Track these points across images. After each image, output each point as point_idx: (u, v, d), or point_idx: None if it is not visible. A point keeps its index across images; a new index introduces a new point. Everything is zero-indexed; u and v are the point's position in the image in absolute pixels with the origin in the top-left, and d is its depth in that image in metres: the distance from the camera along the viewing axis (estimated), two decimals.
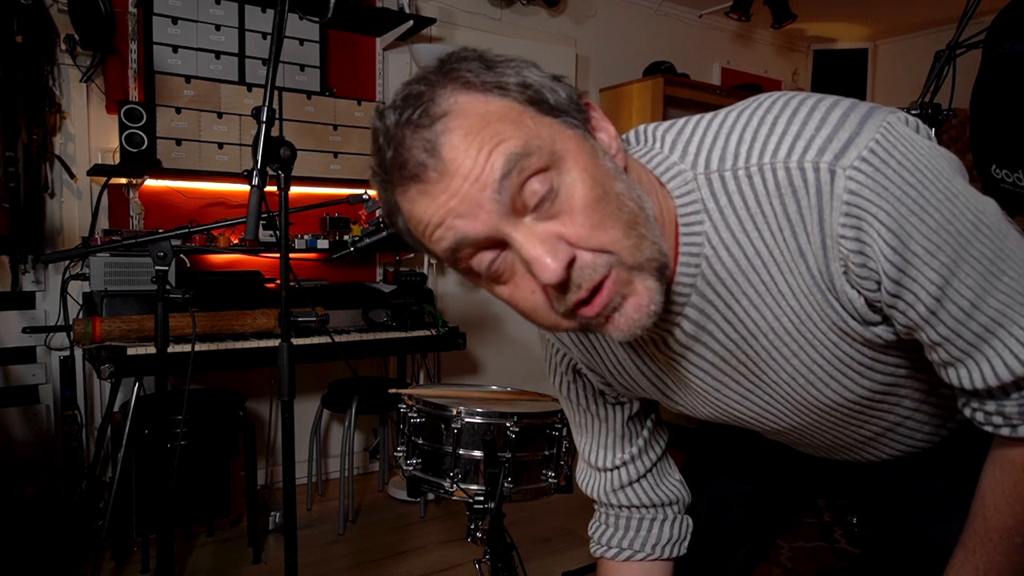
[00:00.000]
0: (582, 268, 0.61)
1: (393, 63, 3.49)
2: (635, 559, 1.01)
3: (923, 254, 0.62)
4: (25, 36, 2.48)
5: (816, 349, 0.73)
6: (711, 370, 0.81)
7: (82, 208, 2.76)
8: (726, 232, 0.69)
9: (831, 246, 0.65)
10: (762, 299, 0.72)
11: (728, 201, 0.68)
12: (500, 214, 0.61)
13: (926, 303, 0.64)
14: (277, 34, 1.38)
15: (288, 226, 1.46)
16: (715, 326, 0.76)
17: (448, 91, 0.62)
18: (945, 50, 2.04)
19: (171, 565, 1.91)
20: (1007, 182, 1.92)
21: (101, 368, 2.20)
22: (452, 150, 0.59)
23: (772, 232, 0.67)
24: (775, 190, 0.65)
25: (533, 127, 0.62)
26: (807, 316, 0.71)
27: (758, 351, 0.76)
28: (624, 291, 0.63)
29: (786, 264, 0.68)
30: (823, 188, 0.63)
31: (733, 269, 0.71)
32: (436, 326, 2.94)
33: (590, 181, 0.62)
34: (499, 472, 1.37)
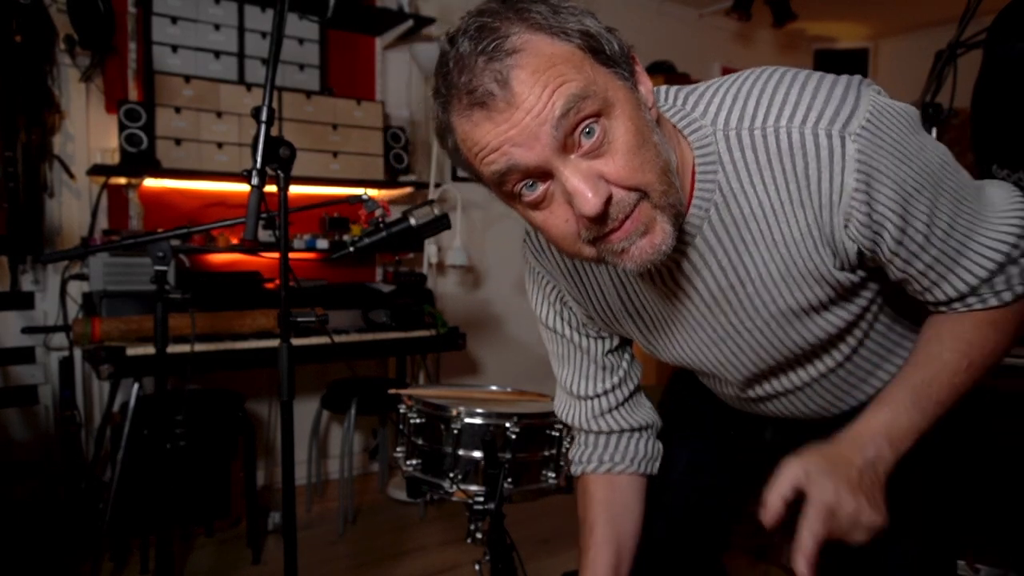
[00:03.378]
0: (617, 203, 0.70)
1: (393, 63, 3.49)
2: (614, 471, 1.08)
3: (914, 196, 0.76)
4: (24, 36, 2.48)
5: (794, 294, 0.84)
6: (695, 311, 0.90)
7: (81, 208, 2.75)
8: (736, 183, 0.79)
9: (838, 201, 0.76)
10: (757, 247, 0.82)
11: (741, 155, 0.78)
12: (553, 148, 0.68)
13: (918, 238, 0.78)
14: (277, 34, 1.37)
15: (288, 226, 1.46)
16: (711, 269, 0.85)
17: (520, 29, 0.67)
18: (946, 50, 2.03)
19: (170, 566, 1.91)
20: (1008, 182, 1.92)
21: (100, 368, 2.19)
22: (520, 84, 0.66)
23: (777, 186, 0.77)
24: (787, 150, 0.75)
25: (591, 73, 0.69)
26: (793, 263, 0.82)
27: (742, 298, 0.86)
28: (645, 227, 0.72)
29: (784, 216, 0.79)
30: (835, 151, 0.74)
31: (738, 217, 0.81)
32: (436, 326, 2.93)
33: (634, 129, 0.70)
34: (499, 472, 1.37)
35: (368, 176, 3.17)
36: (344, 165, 3.11)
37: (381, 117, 3.23)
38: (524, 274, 1.09)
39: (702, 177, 0.80)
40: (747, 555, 2.57)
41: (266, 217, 1.38)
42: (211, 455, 2.53)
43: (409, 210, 1.62)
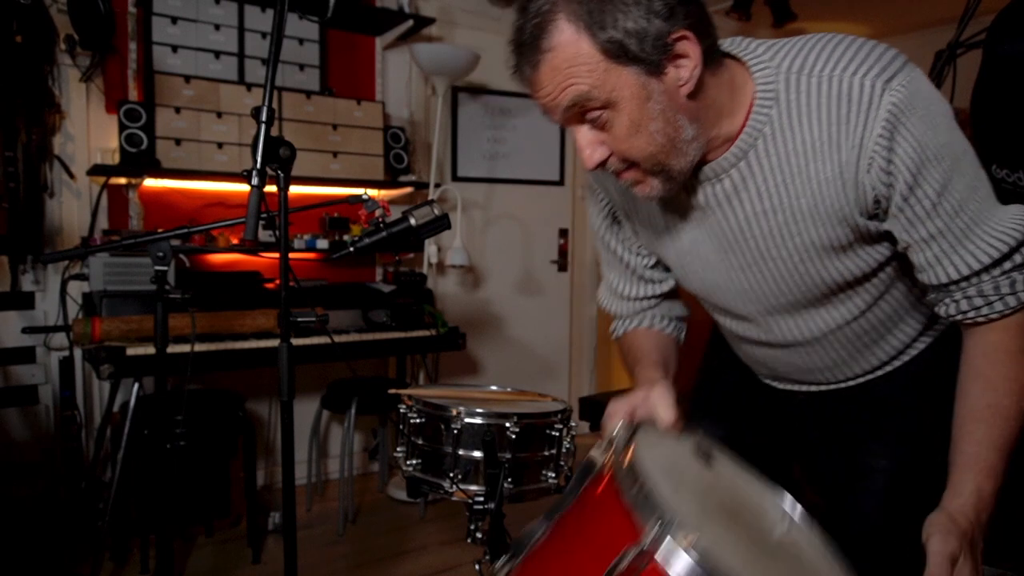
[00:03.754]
0: (611, 163, 0.91)
1: (393, 63, 3.49)
2: (654, 327, 1.24)
3: (932, 163, 0.85)
4: (25, 36, 2.48)
5: (817, 230, 0.94)
6: (728, 231, 1.01)
7: (81, 208, 2.76)
8: (786, 119, 0.90)
9: (866, 145, 0.86)
10: (794, 180, 0.92)
11: (796, 97, 0.89)
12: (566, 119, 0.89)
13: (925, 203, 0.87)
14: (277, 34, 1.37)
15: (288, 226, 1.46)
16: (748, 193, 0.96)
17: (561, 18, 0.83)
18: (945, 50, 2.04)
19: (170, 565, 1.91)
20: (1008, 182, 1.92)
21: (100, 368, 2.19)
22: (542, 77, 0.86)
23: (821, 127, 0.88)
24: (836, 95, 0.87)
25: (603, 76, 0.83)
26: (821, 200, 0.91)
27: (772, 226, 0.96)
28: (635, 181, 0.93)
29: (822, 156, 0.89)
30: (873, 98, 0.85)
31: (781, 150, 0.92)
32: (436, 326, 2.93)
33: (629, 123, 0.86)
34: (499, 472, 1.37)
35: (368, 176, 3.17)
36: (344, 165, 3.11)
37: (381, 117, 3.23)
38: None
39: (758, 111, 0.92)
40: None
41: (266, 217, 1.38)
42: (211, 455, 2.53)
43: (409, 210, 1.62)
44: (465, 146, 3.76)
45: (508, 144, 3.89)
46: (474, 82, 3.68)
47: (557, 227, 4.11)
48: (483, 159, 3.83)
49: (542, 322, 4.02)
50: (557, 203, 4.09)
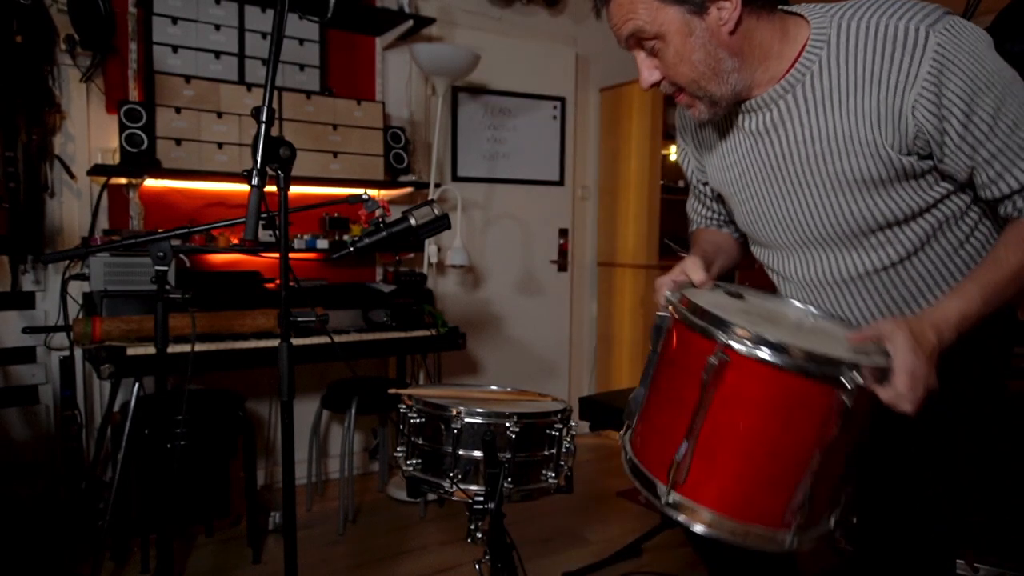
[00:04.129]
0: (663, 86, 1.11)
1: (393, 63, 3.49)
2: (721, 230, 1.44)
3: (983, 92, 0.95)
4: (25, 36, 2.48)
5: (850, 161, 1.05)
6: (771, 160, 1.15)
7: (82, 208, 2.76)
8: (834, 59, 1.03)
9: (912, 83, 0.97)
10: (833, 114, 1.05)
11: (846, 39, 1.02)
12: (628, 46, 1.10)
13: (982, 128, 0.97)
14: (277, 34, 1.38)
15: (288, 226, 1.46)
16: (792, 123, 1.09)
17: None
18: None
19: (171, 565, 1.92)
20: None
21: (101, 368, 2.20)
22: (611, 10, 1.07)
23: (866, 65, 1.00)
24: (882, 37, 0.99)
25: (654, 13, 1.02)
26: (856, 132, 1.03)
27: (810, 156, 1.09)
28: (688, 104, 1.12)
29: (863, 90, 1.01)
30: (919, 41, 0.96)
31: (826, 87, 1.05)
32: (436, 326, 2.94)
33: (674, 52, 1.05)
34: (499, 472, 1.37)
35: (368, 176, 3.17)
36: (344, 165, 3.12)
37: (381, 117, 3.23)
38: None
39: (809, 51, 1.06)
40: None
41: (266, 217, 1.38)
42: (211, 455, 2.54)
43: (409, 210, 1.62)
44: (465, 146, 3.76)
45: (508, 144, 3.89)
46: (474, 82, 3.68)
47: (557, 227, 4.11)
48: (483, 159, 3.83)
49: (542, 322, 4.02)
50: (557, 203, 4.09)
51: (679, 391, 1.00)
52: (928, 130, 0.98)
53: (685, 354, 1.01)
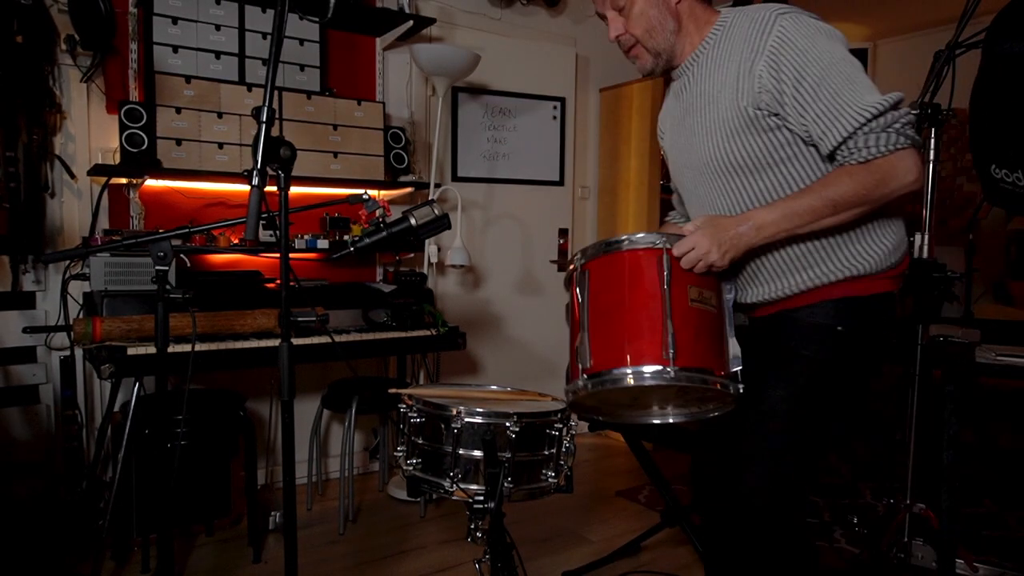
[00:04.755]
0: (623, 40, 1.47)
1: (393, 63, 3.49)
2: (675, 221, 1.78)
3: (810, 65, 1.26)
4: (25, 36, 2.48)
5: (723, 106, 1.38)
6: (684, 115, 1.49)
7: (82, 208, 2.76)
8: (725, 40, 1.40)
9: (760, 51, 1.30)
10: (717, 75, 1.40)
11: (733, 21, 1.40)
12: (606, 8, 1.45)
13: (808, 91, 1.27)
14: (277, 34, 1.38)
15: (288, 226, 1.46)
16: (698, 86, 1.45)
17: None
18: (945, 50, 2.04)
19: (171, 565, 1.92)
20: (1007, 182, 1.92)
21: (101, 368, 2.20)
22: None
23: (740, 42, 1.35)
24: (753, 18, 1.34)
25: None
26: (726, 89, 1.37)
27: (701, 108, 1.43)
28: (637, 55, 1.47)
29: (736, 59, 1.35)
30: (768, 23, 1.31)
31: (716, 58, 1.41)
32: (436, 326, 2.94)
33: (639, 10, 1.42)
34: (499, 472, 1.37)
35: (368, 176, 3.17)
36: (344, 165, 3.12)
37: (381, 117, 3.23)
38: None
39: (711, 33, 1.43)
40: None
41: (267, 217, 1.39)
42: (212, 454, 2.54)
43: (409, 210, 1.62)
44: (465, 146, 3.77)
45: (508, 144, 3.89)
46: (474, 82, 3.68)
47: (557, 227, 4.10)
48: (483, 159, 3.83)
49: (542, 322, 4.02)
50: (557, 203, 4.09)
51: (575, 314, 1.36)
52: (769, 89, 1.30)
53: (571, 289, 1.39)
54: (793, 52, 1.26)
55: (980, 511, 2.92)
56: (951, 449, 2.07)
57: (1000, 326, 3.13)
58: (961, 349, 2.21)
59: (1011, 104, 1.88)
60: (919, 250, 2.22)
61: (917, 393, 2.29)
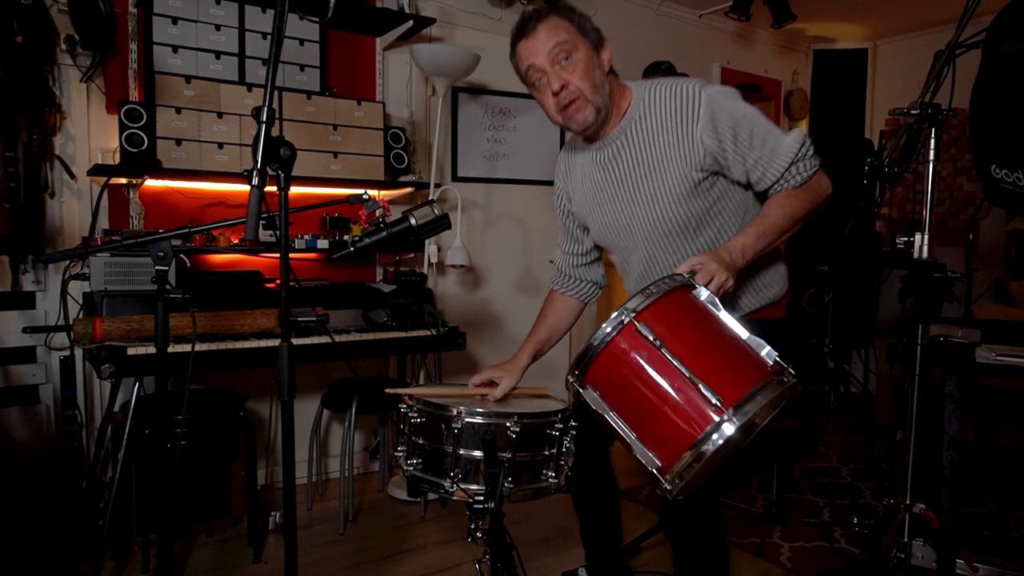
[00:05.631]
0: (568, 92, 1.52)
1: (393, 63, 3.49)
2: (568, 294, 1.92)
3: (741, 122, 1.50)
4: (25, 36, 2.48)
5: (669, 176, 1.56)
6: (616, 185, 1.65)
7: (82, 208, 2.76)
8: (648, 111, 1.57)
9: (697, 121, 1.51)
10: (655, 142, 1.56)
11: (652, 100, 1.57)
12: (546, 60, 1.52)
13: (745, 143, 1.50)
14: (277, 34, 1.38)
15: (288, 226, 1.46)
16: (627, 155, 1.61)
17: (551, 13, 1.53)
18: (945, 50, 2.04)
19: (171, 565, 1.92)
20: (1007, 182, 1.92)
21: (101, 368, 2.20)
22: (541, 29, 1.53)
23: (667, 114, 1.54)
24: (675, 95, 1.54)
25: (574, 39, 1.52)
26: (671, 155, 1.55)
27: (642, 177, 1.59)
28: (579, 108, 1.54)
29: (669, 131, 1.54)
30: (696, 96, 1.51)
31: (646, 129, 1.57)
32: (436, 326, 2.94)
33: (583, 66, 1.52)
34: (499, 472, 1.37)
35: (368, 176, 3.17)
36: (344, 165, 3.12)
37: (381, 117, 3.23)
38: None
39: (632, 107, 1.59)
40: (747, 553, 2.58)
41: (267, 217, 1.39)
42: (211, 454, 2.54)
43: (409, 210, 1.62)
44: (465, 146, 3.77)
45: (508, 144, 3.89)
46: (474, 82, 3.68)
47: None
48: (483, 159, 3.83)
49: None
50: None
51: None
52: (713, 150, 1.51)
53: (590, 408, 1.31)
54: (724, 115, 1.49)
55: (980, 511, 2.92)
56: (951, 449, 2.07)
57: (1000, 326, 3.13)
58: (961, 349, 2.21)
59: (1011, 104, 1.88)
60: (919, 250, 2.22)
61: (917, 393, 2.29)
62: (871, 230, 4.16)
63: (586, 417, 1.45)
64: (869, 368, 3.81)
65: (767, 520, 2.83)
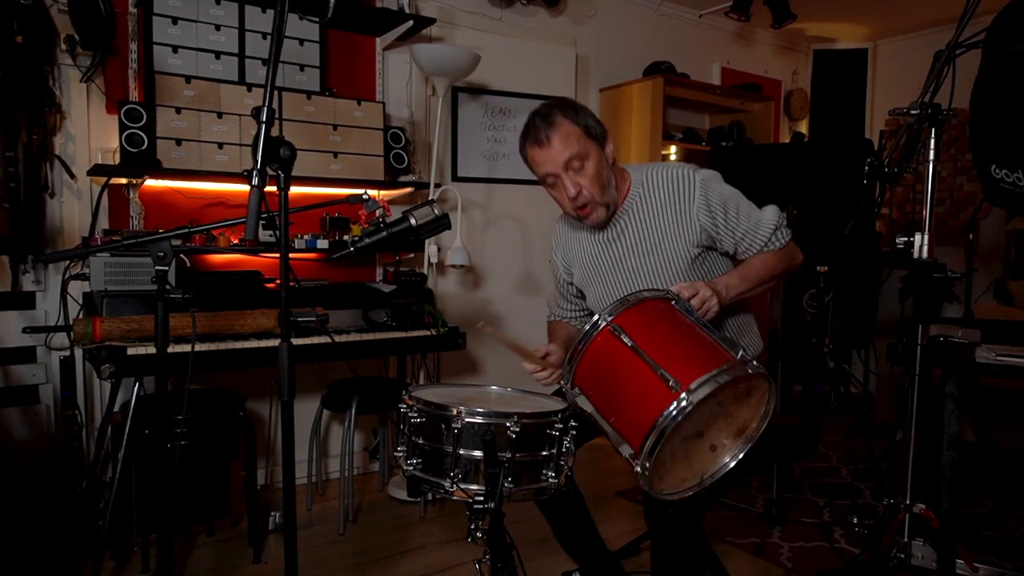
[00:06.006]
0: (582, 197, 1.69)
1: (393, 63, 3.49)
2: (571, 322, 2.07)
3: (729, 201, 1.73)
4: (25, 36, 2.48)
5: (670, 252, 1.74)
6: (619, 259, 1.82)
7: (82, 208, 2.76)
8: (647, 196, 1.76)
9: (692, 201, 1.70)
10: (655, 221, 1.75)
11: (650, 183, 1.76)
12: (561, 169, 1.66)
13: (734, 218, 1.72)
14: (277, 34, 1.38)
15: (288, 226, 1.46)
16: (629, 233, 1.79)
17: (561, 117, 1.65)
18: (945, 50, 2.04)
19: (171, 565, 1.91)
20: (1007, 182, 1.92)
21: (101, 368, 2.20)
22: (555, 140, 1.64)
23: (667, 194, 1.74)
24: (670, 179, 1.74)
25: (584, 143, 1.66)
26: (671, 232, 1.73)
27: (644, 252, 1.77)
28: (592, 210, 1.71)
29: (667, 212, 1.74)
30: (689, 179, 1.72)
31: (647, 208, 1.76)
32: (436, 326, 2.94)
33: (595, 172, 1.68)
34: (499, 472, 1.37)
35: (368, 176, 3.17)
36: (344, 165, 3.12)
37: (381, 117, 3.23)
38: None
39: (632, 191, 1.78)
40: (746, 553, 2.58)
41: (266, 217, 1.39)
42: (211, 455, 2.54)
43: (409, 210, 1.62)
44: (465, 146, 3.77)
45: (508, 144, 3.89)
46: (474, 82, 3.68)
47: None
48: (483, 159, 3.83)
49: (542, 322, 4.00)
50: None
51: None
52: (707, 227, 1.70)
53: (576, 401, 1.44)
54: (715, 195, 1.70)
55: (980, 511, 2.92)
56: (951, 449, 2.07)
57: (1000, 326, 3.13)
58: (961, 349, 2.21)
59: (1011, 104, 1.88)
60: (919, 250, 2.22)
61: (917, 393, 2.29)
62: (871, 230, 4.16)
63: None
64: (869, 368, 3.81)
65: (767, 520, 2.83)
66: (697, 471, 1.40)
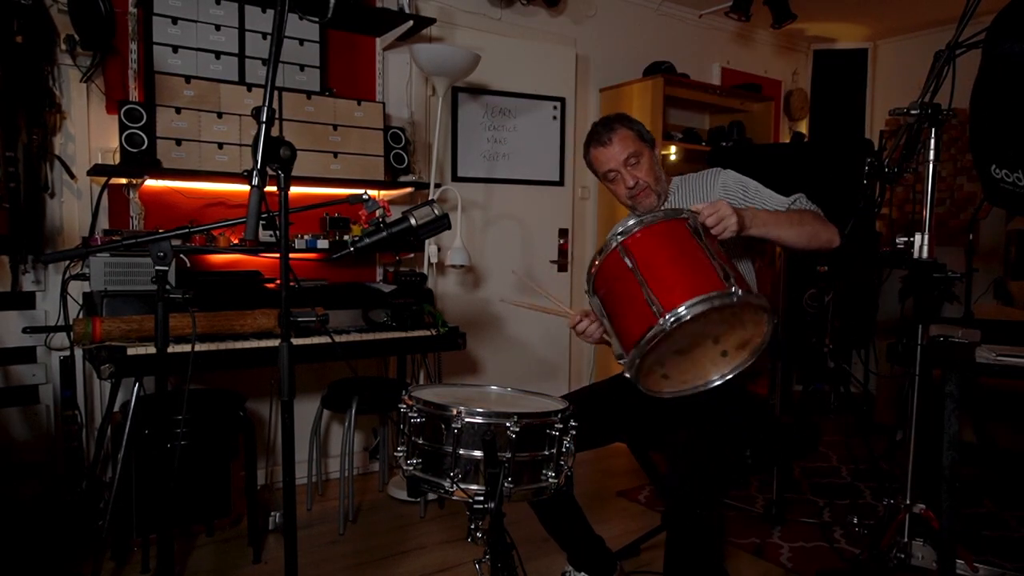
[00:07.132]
0: (639, 185, 1.98)
1: (393, 63, 3.49)
2: None
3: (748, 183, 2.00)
4: (25, 36, 2.48)
5: None
6: None
7: (82, 208, 2.76)
8: (683, 190, 2.08)
9: (714, 187, 2.02)
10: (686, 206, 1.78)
11: (685, 181, 2.11)
12: (620, 164, 1.97)
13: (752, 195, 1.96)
14: (277, 34, 1.38)
15: (288, 226, 1.46)
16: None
17: (619, 125, 1.99)
18: (945, 50, 2.04)
19: (171, 565, 1.92)
20: (1007, 182, 1.92)
21: (101, 368, 2.20)
22: (615, 141, 1.97)
23: (696, 187, 2.07)
24: (700, 176, 2.09)
25: (638, 144, 1.99)
26: None
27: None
28: (647, 194, 2.00)
29: (698, 200, 1.96)
30: (715, 175, 2.05)
31: (682, 203, 2.02)
32: (436, 326, 2.94)
33: (648, 165, 2.00)
34: (499, 472, 1.37)
35: (368, 176, 3.17)
36: (344, 165, 3.12)
37: (381, 117, 3.23)
38: None
39: (672, 187, 2.07)
40: (746, 553, 2.58)
41: (266, 217, 1.39)
42: (211, 455, 2.54)
43: (409, 210, 1.62)
44: (465, 146, 3.77)
45: (508, 144, 3.89)
46: (474, 82, 3.68)
47: (557, 227, 4.11)
48: (483, 159, 3.83)
49: (542, 322, 4.02)
50: (557, 203, 4.09)
51: (622, 288, 1.54)
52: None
53: (601, 280, 1.58)
54: (732, 179, 1.99)
55: (980, 511, 2.92)
56: (951, 449, 2.07)
57: (1000, 326, 3.13)
58: (961, 349, 2.21)
59: (1011, 104, 1.88)
60: (919, 250, 2.22)
61: (917, 393, 2.29)
62: (871, 230, 4.16)
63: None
64: (869, 368, 3.81)
65: (767, 520, 2.83)
66: (702, 373, 1.60)
